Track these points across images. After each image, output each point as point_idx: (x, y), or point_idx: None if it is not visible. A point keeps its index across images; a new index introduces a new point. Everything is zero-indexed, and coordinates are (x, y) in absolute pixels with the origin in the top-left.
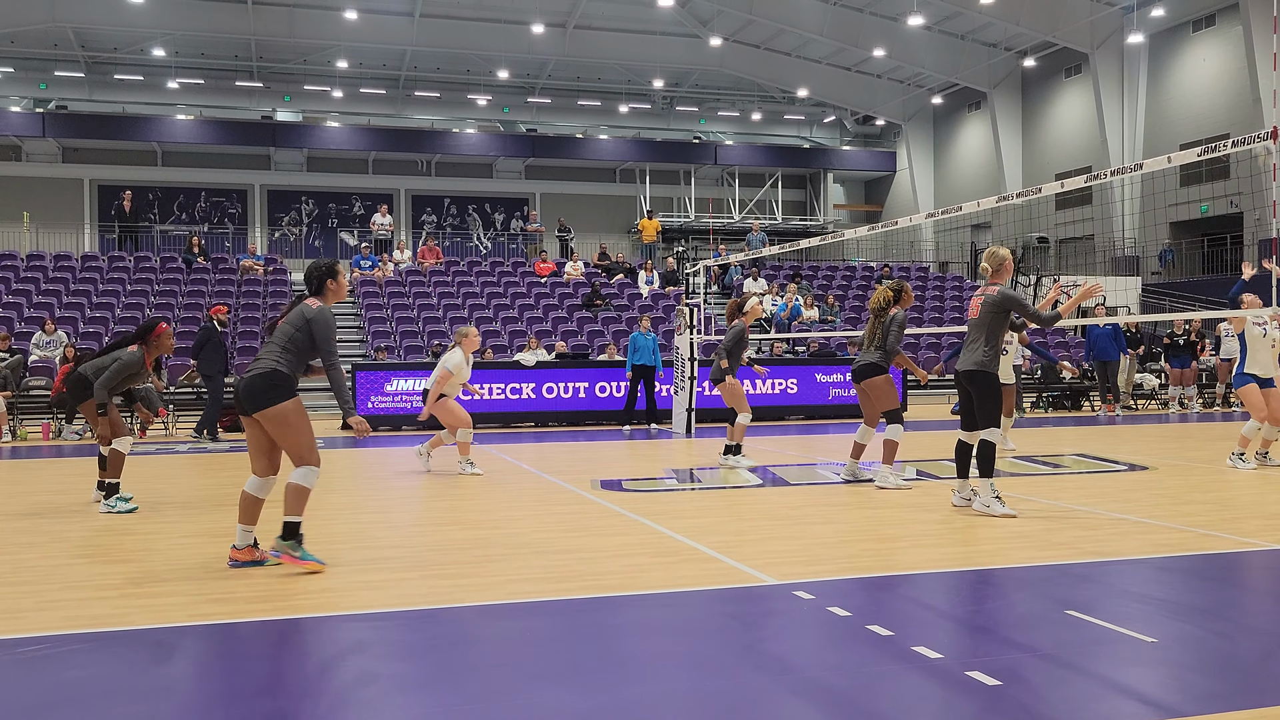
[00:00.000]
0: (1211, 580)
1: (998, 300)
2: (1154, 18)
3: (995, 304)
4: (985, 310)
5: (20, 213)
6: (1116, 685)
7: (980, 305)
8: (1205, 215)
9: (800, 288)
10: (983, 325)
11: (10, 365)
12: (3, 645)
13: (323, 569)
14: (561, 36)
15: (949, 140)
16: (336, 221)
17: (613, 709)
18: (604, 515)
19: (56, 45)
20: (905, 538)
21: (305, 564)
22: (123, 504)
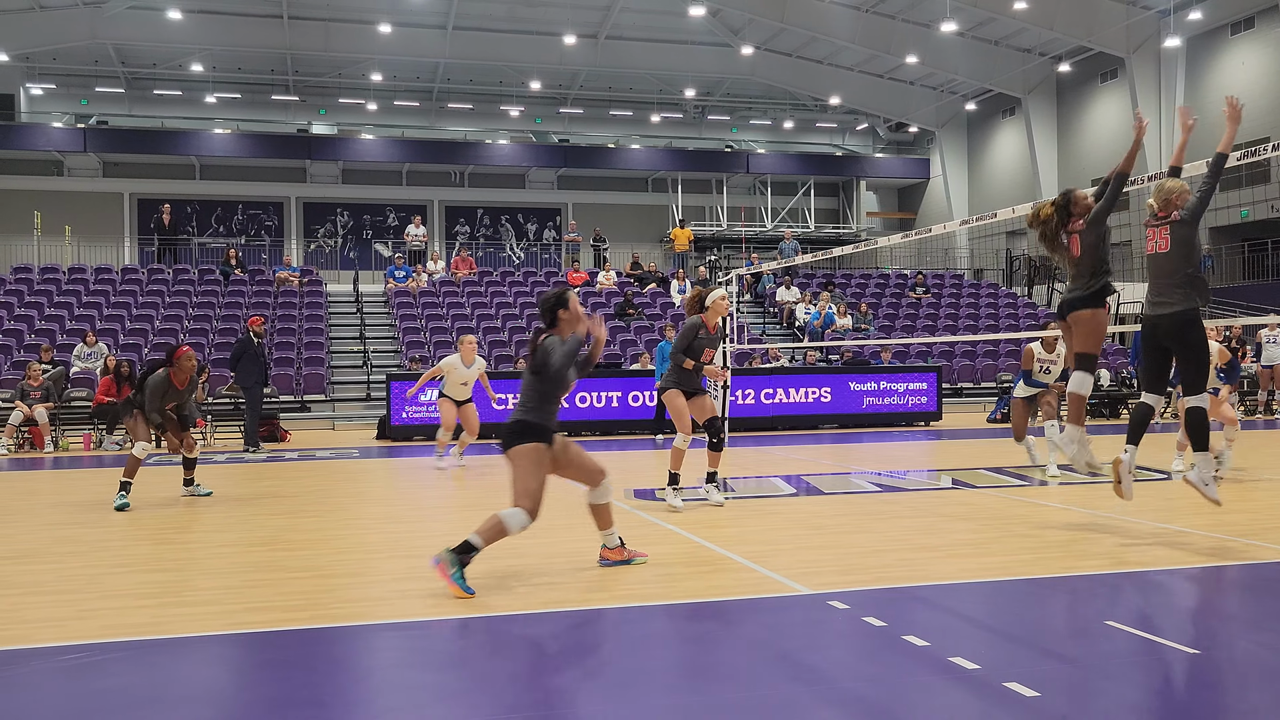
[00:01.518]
0: (1255, 591)
1: (1194, 208)
2: (1191, 21)
3: (1193, 215)
4: (1180, 232)
5: (63, 227)
6: (1158, 698)
7: (1169, 235)
8: (1245, 220)
9: (833, 296)
10: (1185, 250)
11: (53, 377)
12: (44, 653)
13: (468, 598)
14: (593, 47)
15: (983, 147)
16: (371, 233)
17: (647, 718)
18: (637, 525)
19: (97, 62)
20: (941, 547)
21: (453, 585)
22: (119, 500)
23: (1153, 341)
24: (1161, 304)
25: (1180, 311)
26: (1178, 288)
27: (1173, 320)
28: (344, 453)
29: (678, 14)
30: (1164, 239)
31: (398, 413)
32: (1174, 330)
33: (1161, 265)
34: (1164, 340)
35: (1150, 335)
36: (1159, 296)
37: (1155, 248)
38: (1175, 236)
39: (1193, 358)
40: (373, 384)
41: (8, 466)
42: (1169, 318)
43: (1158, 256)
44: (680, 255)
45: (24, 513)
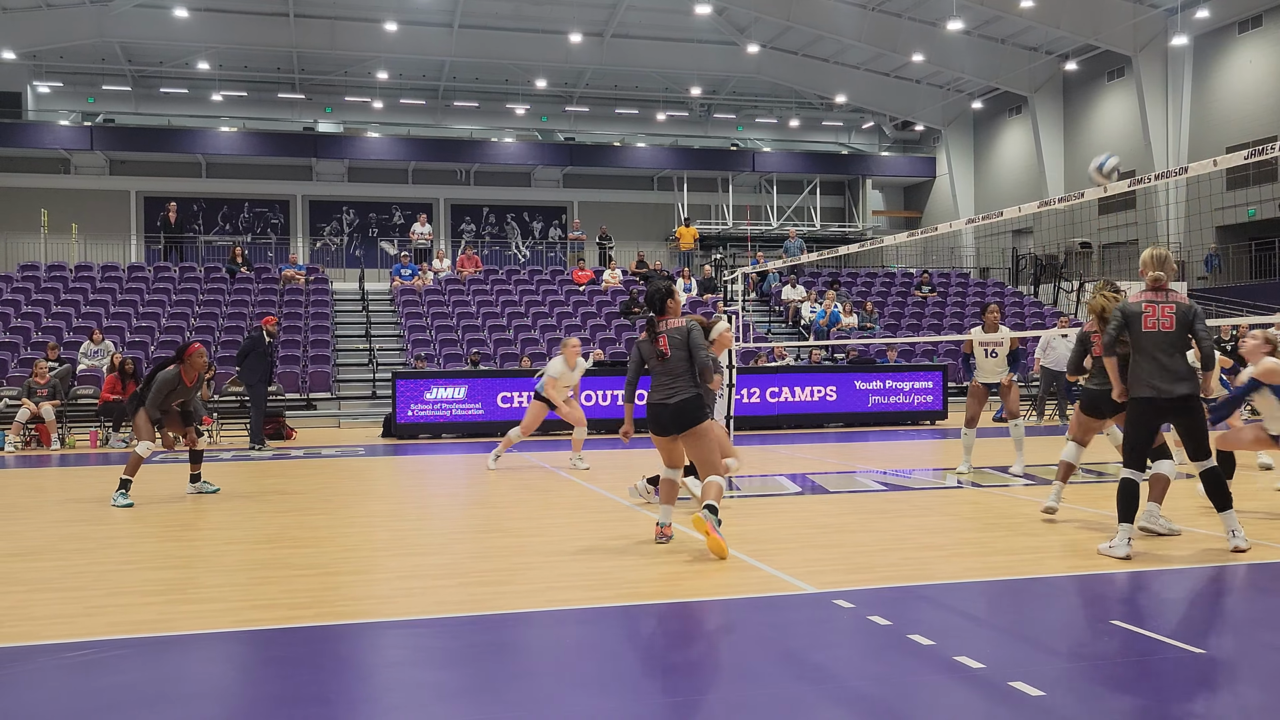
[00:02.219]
0: (1261, 591)
1: (1195, 311)
2: (1198, 19)
3: (1193, 314)
4: (1182, 322)
5: (69, 225)
6: (1165, 698)
7: (1173, 314)
8: (1253, 219)
9: (839, 295)
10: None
11: (59, 374)
12: (51, 650)
13: (719, 541)
14: (599, 45)
15: (989, 145)
16: (377, 231)
17: (652, 717)
18: (643, 523)
19: (104, 60)
20: (946, 547)
21: (713, 535)
22: (121, 499)
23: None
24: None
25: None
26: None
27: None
28: (349, 451)
29: (684, 12)
30: (1169, 318)
31: (403, 411)
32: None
33: (1170, 343)
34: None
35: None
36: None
37: (1159, 325)
38: (1179, 318)
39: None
40: (378, 382)
41: (14, 464)
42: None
43: (1160, 335)
44: (686, 254)
45: (31, 510)
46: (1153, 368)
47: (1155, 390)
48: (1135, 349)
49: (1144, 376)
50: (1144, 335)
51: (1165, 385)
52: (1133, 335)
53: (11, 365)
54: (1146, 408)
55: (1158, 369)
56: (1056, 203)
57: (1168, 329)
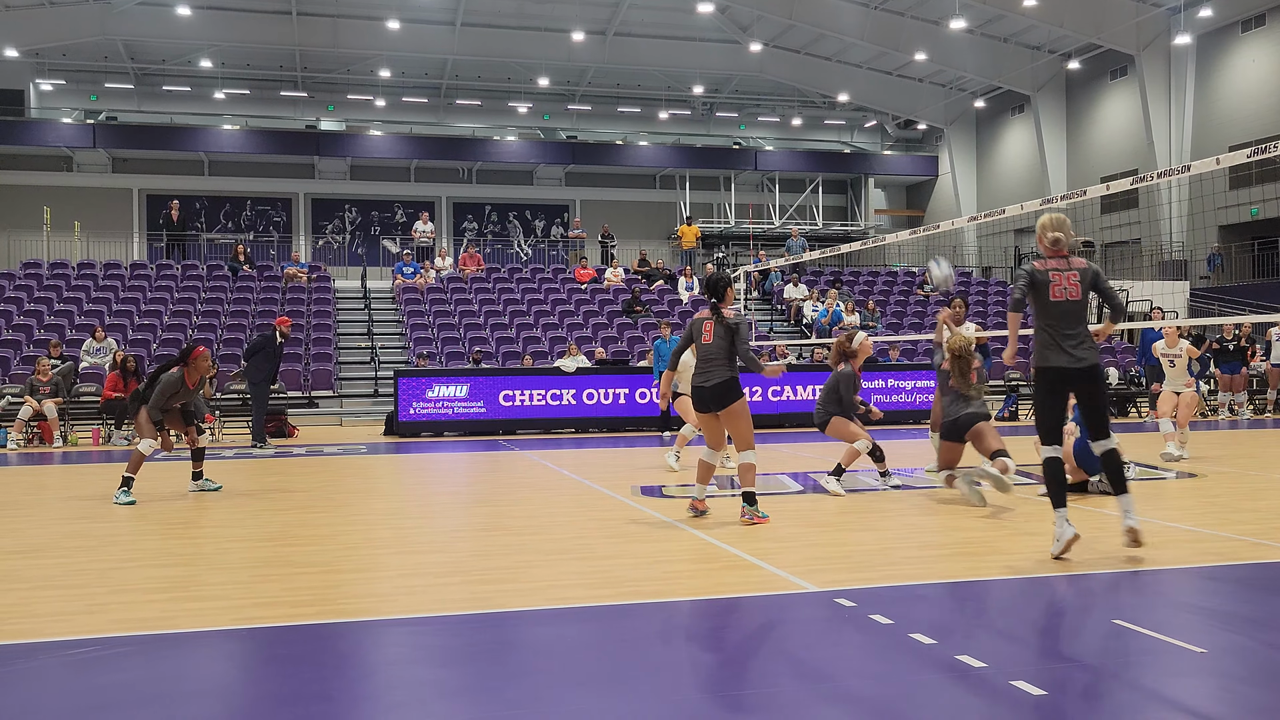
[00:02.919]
0: (1263, 590)
1: (1096, 271)
2: (1202, 18)
3: (1097, 275)
4: (1087, 285)
5: (72, 222)
6: (1165, 697)
7: (1079, 281)
8: (1255, 218)
9: (841, 293)
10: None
11: (62, 372)
12: (52, 647)
13: (767, 521)
14: (601, 44)
15: (992, 144)
16: (379, 229)
17: (652, 717)
18: (644, 521)
19: (107, 58)
20: (948, 545)
21: (759, 519)
22: (124, 497)
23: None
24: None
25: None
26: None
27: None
28: (351, 449)
29: (686, 11)
30: (1075, 286)
31: (405, 409)
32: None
33: (1077, 312)
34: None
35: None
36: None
37: (1066, 294)
38: (1084, 283)
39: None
40: (380, 380)
41: (17, 461)
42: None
43: (1069, 304)
44: (688, 252)
45: (33, 507)
46: (1060, 337)
47: (1067, 359)
48: (1042, 318)
49: (1052, 346)
50: (1051, 304)
51: (1076, 354)
52: (1039, 304)
53: (14, 363)
54: (1056, 378)
55: (1065, 338)
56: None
57: (1075, 297)
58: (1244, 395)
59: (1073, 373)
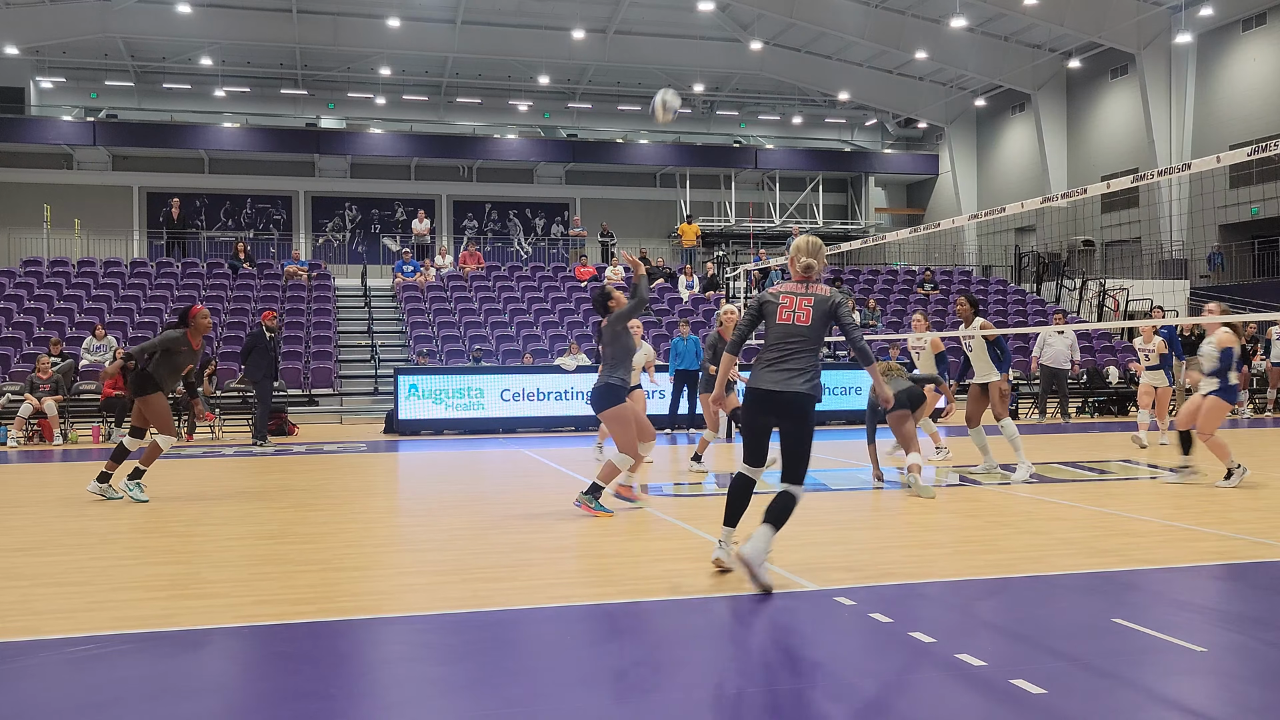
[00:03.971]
0: (1262, 589)
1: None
2: (1202, 17)
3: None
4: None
5: (72, 220)
6: (1165, 695)
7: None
8: (1256, 217)
9: (841, 292)
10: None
11: (62, 370)
12: (53, 645)
13: (610, 515)
14: (602, 42)
15: (992, 142)
16: (379, 227)
17: (652, 714)
18: (644, 520)
19: (107, 55)
20: (948, 544)
21: (596, 513)
22: (139, 491)
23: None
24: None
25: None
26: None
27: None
28: (351, 447)
29: (686, 9)
30: (806, 310)
31: (405, 407)
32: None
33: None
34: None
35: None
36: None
37: (795, 318)
38: (818, 312)
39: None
40: (380, 378)
41: (17, 459)
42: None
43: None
44: (688, 250)
45: (33, 505)
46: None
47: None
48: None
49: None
50: (780, 328)
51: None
52: (767, 325)
53: (14, 360)
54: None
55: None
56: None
57: (803, 321)
58: (1245, 394)
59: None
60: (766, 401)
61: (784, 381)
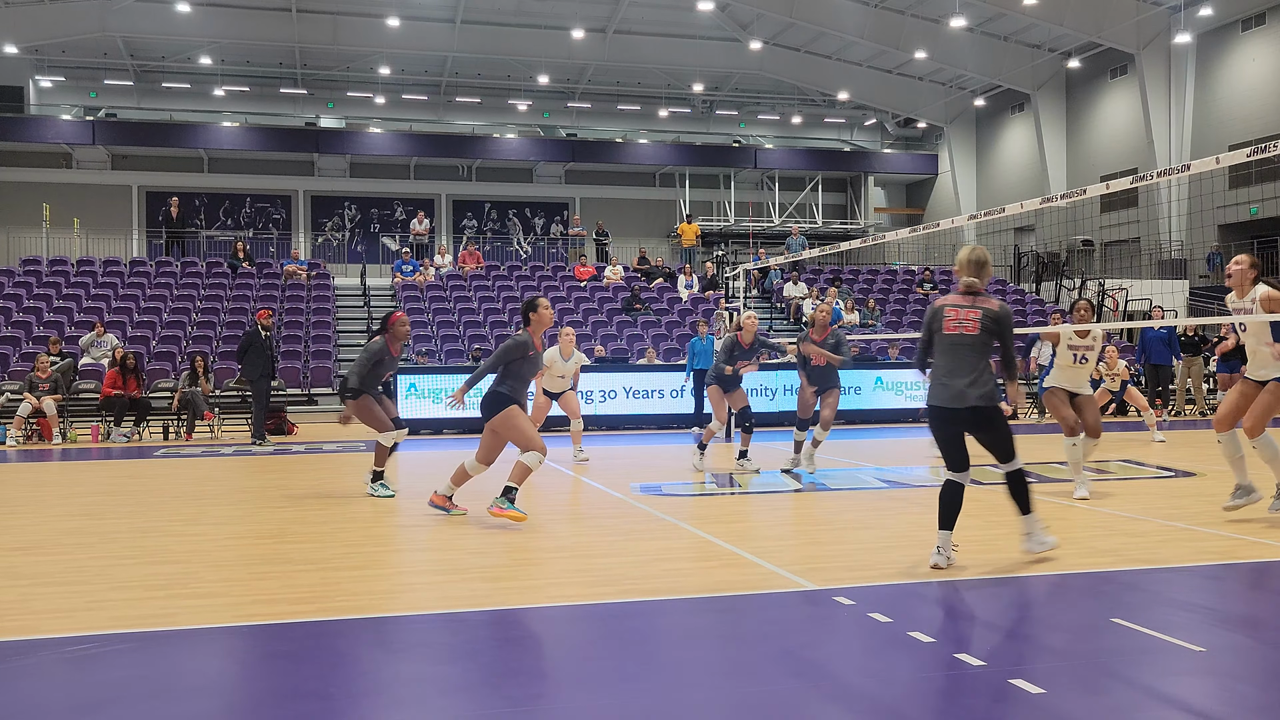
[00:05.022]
0: (1262, 589)
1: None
2: (1202, 17)
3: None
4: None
5: (71, 219)
6: (1164, 695)
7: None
8: (1255, 218)
9: (841, 291)
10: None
11: (61, 369)
12: (52, 644)
13: (524, 518)
14: (601, 41)
15: (992, 142)
16: (379, 226)
17: (652, 714)
18: (644, 519)
19: (106, 54)
20: None
21: (506, 512)
22: (384, 490)
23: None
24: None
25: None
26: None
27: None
28: (351, 446)
29: (686, 8)
30: (973, 322)
31: (404, 406)
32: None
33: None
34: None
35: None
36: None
37: (961, 328)
38: (985, 322)
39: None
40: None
41: (16, 458)
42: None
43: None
44: (687, 250)
45: (32, 504)
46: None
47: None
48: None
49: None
50: (950, 338)
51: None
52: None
53: (13, 360)
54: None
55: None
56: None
57: (971, 330)
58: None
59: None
60: (949, 417)
61: (957, 398)
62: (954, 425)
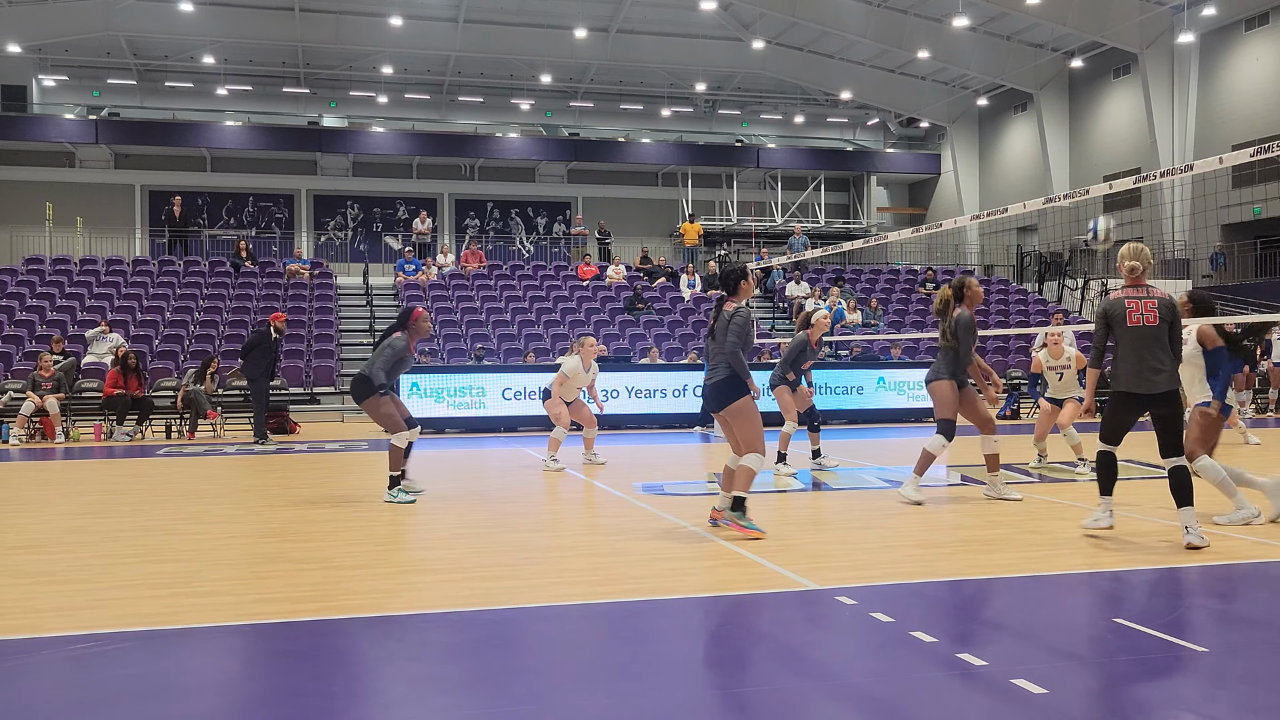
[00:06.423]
0: (1265, 590)
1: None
2: (1205, 17)
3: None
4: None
5: (74, 218)
6: (1166, 696)
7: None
8: (1258, 217)
9: (843, 291)
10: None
11: (64, 368)
12: (55, 642)
13: (763, 536)
14: (604, 41)
15: (994, 142)
16: (381, 226)
17: (654, 713)
18: (646, 519)
19: (109, 54)
20: (950, 543)
21: (748, 531)
22: (404, 496)
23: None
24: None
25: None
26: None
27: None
28: (353, 445)
29: (689, 8)
30: (1152, 312)
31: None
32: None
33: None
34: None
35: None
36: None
37: (1143, 319)
38: (1163, 311)
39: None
40: None
41: (19, 457)
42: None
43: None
44: (690, 249)
45: (35, 503)
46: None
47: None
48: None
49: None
50: (1131, 330)
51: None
52: (1118, 330)
53: (16, 358)
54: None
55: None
56: (1061, 200)
57: (1152, 322)
58: (1247, 394)
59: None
60: (1134, 401)
61: (1146, 382)
62: (1134, 411)
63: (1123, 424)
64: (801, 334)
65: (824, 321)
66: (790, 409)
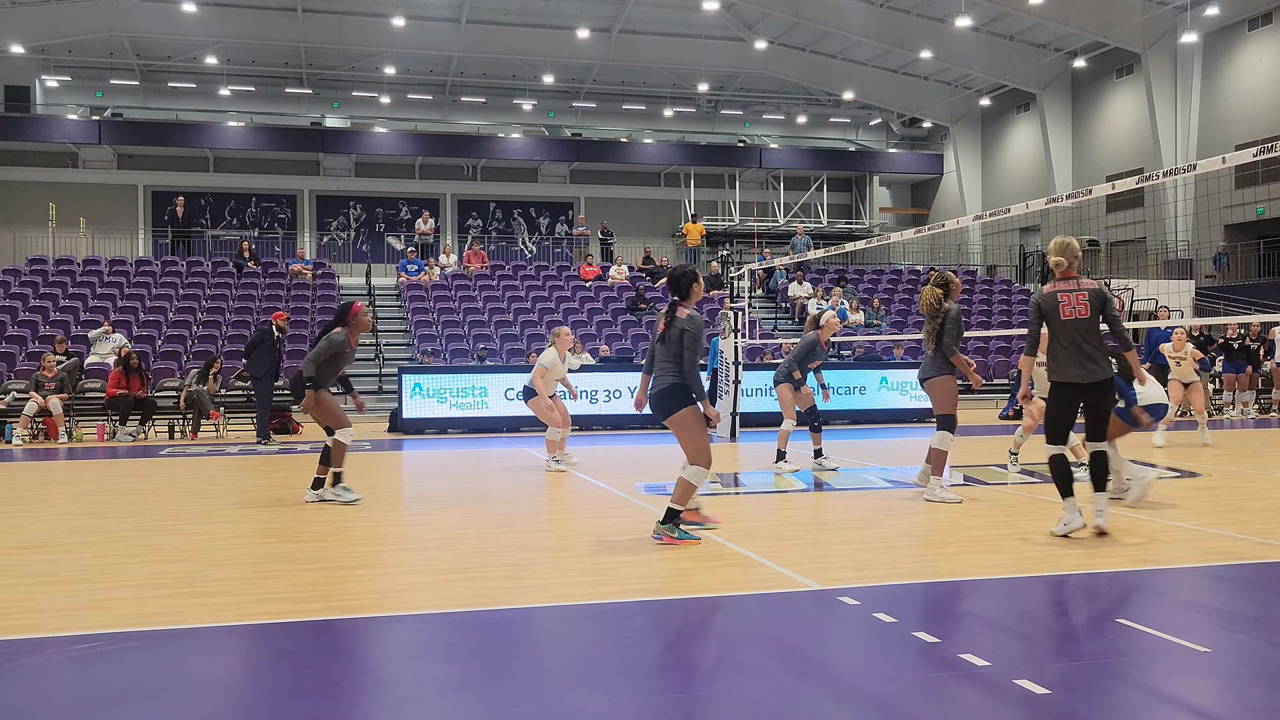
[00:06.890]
0: (1266, 589)
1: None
2: (1208, 16)
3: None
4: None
5: (77, 218)
6: (1168, 696)
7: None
8: (1261, 217)
9: (845, 291)
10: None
11: (67, 368)
12: (57, 642)
13: (699, 542)
14: (606, 41)
15: (997, 142)
16: (384, 226)
17: (656, 713)
18: (648, 519)
19: (112, 54)
20: (952, 544)
21: (682, 542)
22: (347, 494)
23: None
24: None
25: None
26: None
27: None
28: (355, 445)
29: (691, 8)
30: (1084, 305)
31: (409, 406)
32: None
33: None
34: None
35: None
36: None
37: (1075, 313)
38: (1094, 303)
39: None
40: (385, 377)
41: (22, 457)
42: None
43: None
44: (692, 250)
45: (38, 503)
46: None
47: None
48: (1057, 335)
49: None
50: (1064, 323)
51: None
52: (1051, 323)
53: (19, 359)
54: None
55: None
56: (1064, 200)
57: (1084, 315)
58: (1250, 394)
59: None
60: (1075, 392)
61: (1086, 372)
62: (1074, 402)
63: (1067, 420)
64: (812, 334)
65: (834, 322)
66: (790, 407)
